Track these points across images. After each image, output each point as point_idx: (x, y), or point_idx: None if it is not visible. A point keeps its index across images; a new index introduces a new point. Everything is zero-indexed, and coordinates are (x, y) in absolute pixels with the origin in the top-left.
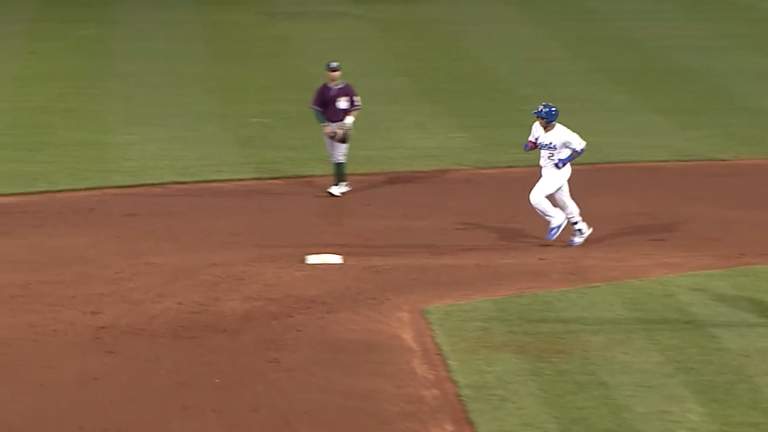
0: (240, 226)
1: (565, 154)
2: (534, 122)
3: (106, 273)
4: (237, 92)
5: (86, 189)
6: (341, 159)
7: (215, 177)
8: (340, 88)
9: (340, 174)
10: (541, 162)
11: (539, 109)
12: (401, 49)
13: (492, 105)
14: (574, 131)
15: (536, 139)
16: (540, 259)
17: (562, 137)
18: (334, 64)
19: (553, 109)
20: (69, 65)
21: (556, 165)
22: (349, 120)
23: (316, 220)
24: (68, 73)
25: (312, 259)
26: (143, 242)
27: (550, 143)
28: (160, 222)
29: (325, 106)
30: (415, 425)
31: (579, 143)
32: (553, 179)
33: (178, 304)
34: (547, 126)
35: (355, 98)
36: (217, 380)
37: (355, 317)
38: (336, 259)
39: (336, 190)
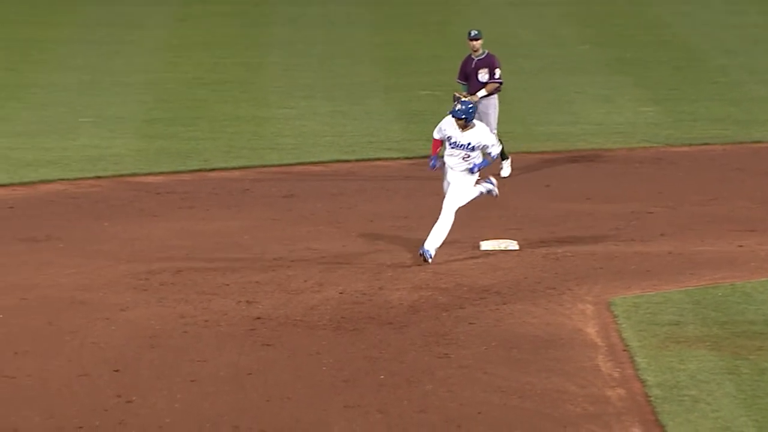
0: (407, 209)
1: (480, 158)
2: (445, 118)
3: (262, 259)
4: (405, 62)
5: (240, 168)
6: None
7: (380, 155)
8: (481, 59)
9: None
10: (451, 163)
11: (458, 108)
12: (585, 14)
13: (684, 76)
14: None
15: (448, 138)
16: (739, 246)
17: (483, 138)
18: (474, 32)
19: (471, 106)
20: (223, 32)
21: (471, 170)
22: (480, 93)
23: (490, 202)
24: (222, 42)
25: (486, 245)
26: (302, 226)
27: (469, 144)
28: (321, 204)
29: (468, 79)
30: (599, 428)
31: (496, 147)
32: (470, 185)
33: (340, 293)
34: (467, 125)
35: (495, 71)
36: (382, 377)
37: (532, 309)
38: (512, 245)
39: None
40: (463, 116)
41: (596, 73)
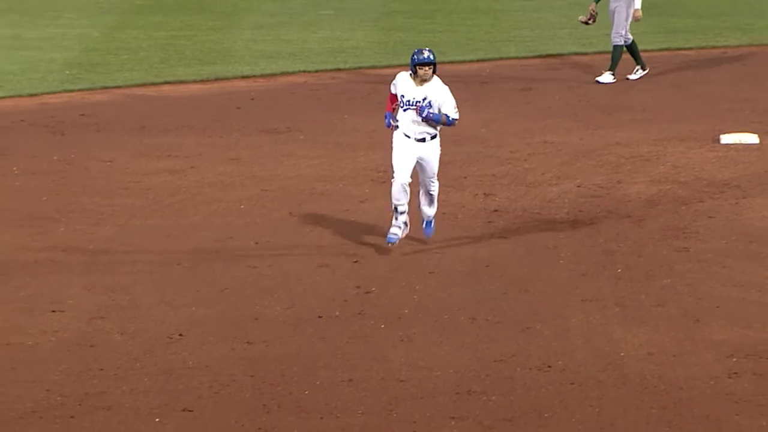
0: (647, 102)
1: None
2: (399, 73)
3: (500, 152)
4: None
5: (478, 60)
6: (618, 41)
7: None
8: None
9: (614, 59)
10: (406, 129)
11: (427, 56)
12: None
13: None
14: None
15: (401, 98)
16: None
17: (442, 95)
18: None
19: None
20: None
21: (422, 140)
22: (637, 3)
23: (731, 95)
24: None
25: (726, 138)
26: (539, 119)
27: (425, 98)
28: (558, 97)
29: None
30: None
31: (455, 110)
32: (438, 153)
33: (578, 186)
34: (431, 76)
35: None
36: (620, 271)
37: None
38: (753, 138)
39: (607, 78)
40: (433, 61)
41: None
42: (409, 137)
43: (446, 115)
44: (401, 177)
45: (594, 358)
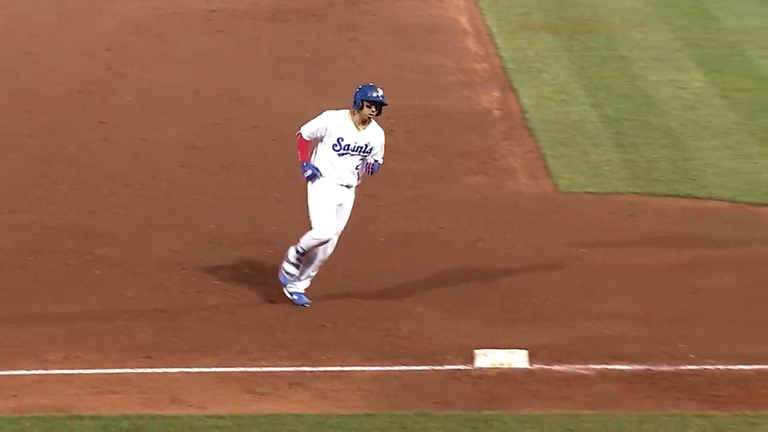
0: None
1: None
2: (328, 113)
3: None
4: None
5: None
6: None
7: None
8: None
9: None
10: (337, 176)
11: (380, 94)
12: None
13: None
14: None
15: (338, 141)
16: None
17: (380, 139)
18: None
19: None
20: None
21: (371, 171)
22: None
23: None
24: None
25: None
26: None
27: (367, 145)
28: None
29: None
30: (469, 93)
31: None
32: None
33: None
34: (371, 119)
35: None
36: (308, 56)
37: (420, 5)
38: None
39: None
40: (385, 104)
41: None
42: (335, 183)
43: (377, 161)
44: (326, 232)
45: (288, 120)
